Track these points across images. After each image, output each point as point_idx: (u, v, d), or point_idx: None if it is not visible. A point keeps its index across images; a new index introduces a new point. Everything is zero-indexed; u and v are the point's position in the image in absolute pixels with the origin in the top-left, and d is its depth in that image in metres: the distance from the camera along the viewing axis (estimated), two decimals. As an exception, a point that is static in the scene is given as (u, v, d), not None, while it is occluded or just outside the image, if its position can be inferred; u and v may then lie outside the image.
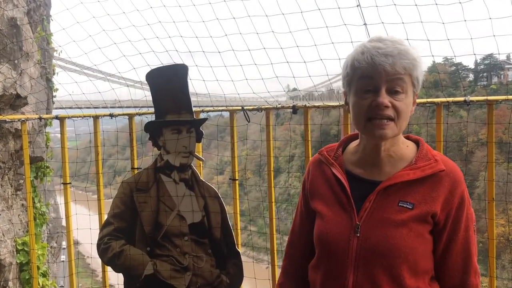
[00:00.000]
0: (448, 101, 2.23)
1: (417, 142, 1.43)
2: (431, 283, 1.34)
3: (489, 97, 2.17)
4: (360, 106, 1.29)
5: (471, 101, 2.18)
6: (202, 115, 2.67)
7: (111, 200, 2.73)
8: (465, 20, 2.02)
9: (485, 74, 42.17)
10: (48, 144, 4.64)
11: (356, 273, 1.29)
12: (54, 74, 5.40)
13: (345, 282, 1.30)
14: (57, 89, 5.32)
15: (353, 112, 1.34)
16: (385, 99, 1.26)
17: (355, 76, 1.31)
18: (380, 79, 1.26)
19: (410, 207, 1.28)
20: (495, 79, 41.40)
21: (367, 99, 1.28)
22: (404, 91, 1.28)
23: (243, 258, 2.60)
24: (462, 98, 2.21)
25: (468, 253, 1.33)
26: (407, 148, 1.40)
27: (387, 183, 1.31)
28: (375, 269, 1.27)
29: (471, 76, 42.68)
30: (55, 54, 5.22)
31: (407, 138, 1.45)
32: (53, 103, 5.44)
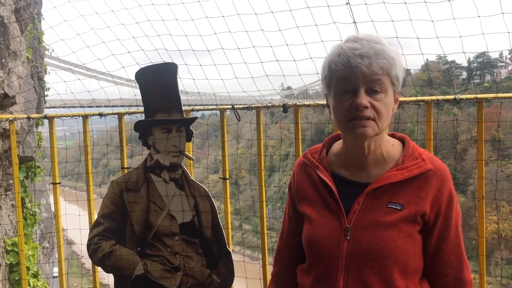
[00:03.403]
0: (438, 99, 2.23)
1: (402, 140, 1.42)
2: (421, 283, 1.34)
3: (479, 95, 2.17)
4: (340, 107, 1.29)
5: (461, 99, 2.18)
6: (194, 114, 2.65)
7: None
8: (454, 18, 2.02)
9: (478, 72, 42.41)
10: (40, 143, 4.59)
11: (347, 276, 1.28)
12: (46, 73, 5.34)
13: (335, 285, 1.30)
14: (48, 88, 5.27)
15: (334, 114, 1.33)
16: (363, 99, 1.24)
17: (333, 78, 1.30)
18: (357, 80, 1.25)
19: (399, 208, 1.28)
20: (488, 77, 41.65)
21: (346, 101, 1.27)
22: (383, 91, 1.27)
23: (238, 256, 2.59)
24: (452, 96, 2.21)
25: (460, 250, 1.34)
26: (393, 147, 1.39)
27: (375, 185, 1.30)
28: (366, 271, 1.27)
29: (465, 74, 42.91)
30: (46, 53, 5.17)
31: (392, 136, 1.43)
32: (45, 102, 5.39)
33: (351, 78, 1.25)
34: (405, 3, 2.01)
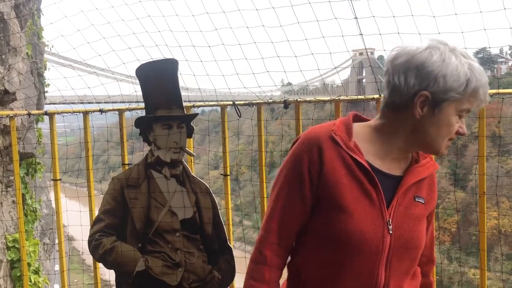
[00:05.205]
0: (439, 95, 2.22)
1: None
2: None
3: (480, 91, 2.16)
4: (453, 126, 1.26)
5: (463, 95, 2.17)
6: (195, 110, 2.64)
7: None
8: (455, 14, 2.01)
9: (478, 67, 42.26)
10: (40, 140, 4.59)
11: (388, 270, 1.28)
12: (45, 69, 5.33)
13: (377, 279, 1.27)
14: (48, 85, 5.26)
15: (440, 127, 1.26)
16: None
17: (466, 101, 1.23)
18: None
19: (423, 202, 1.34)
20: (488, 73, 41.58)
21: (457, 123, 1.27)
22: None
23: (239, 252, 2.59)
24: (453, 92, 2.19)
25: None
26: None
27: (413, 179, 1.32)
28: (405, 263, 1.32)
29: (465, 70, 42.69)
30: (46, 49, 5.16)
31: None
32: (45, 98, 5.38)
33: (472, 107, 1.26)
34: (406, -2, 2.00)
